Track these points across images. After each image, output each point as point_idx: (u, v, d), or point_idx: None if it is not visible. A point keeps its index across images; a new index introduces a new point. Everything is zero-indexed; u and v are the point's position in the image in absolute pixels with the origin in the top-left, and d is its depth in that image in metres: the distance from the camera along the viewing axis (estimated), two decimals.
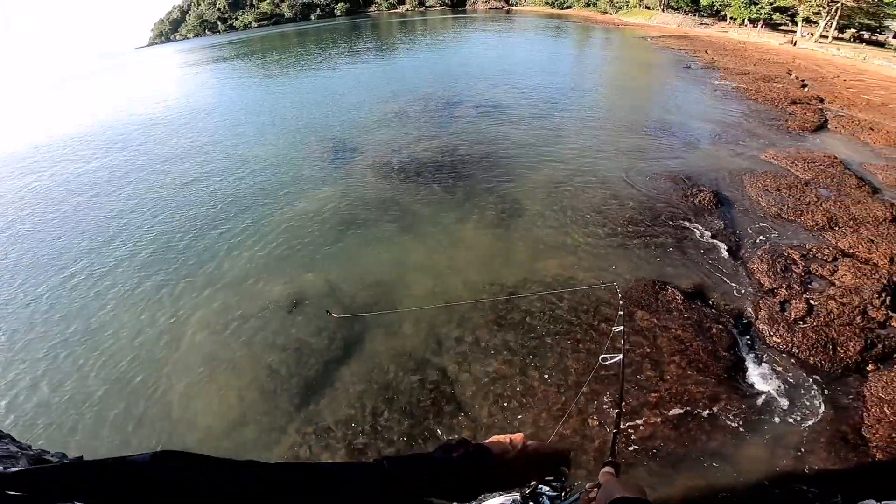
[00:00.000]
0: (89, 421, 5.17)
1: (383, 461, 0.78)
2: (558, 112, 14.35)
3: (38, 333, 6.76)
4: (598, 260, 6.90)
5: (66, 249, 9.13)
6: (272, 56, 40.09)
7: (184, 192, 11.07)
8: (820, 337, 5.35)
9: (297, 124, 15.84)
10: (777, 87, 15.85)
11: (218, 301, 6.82)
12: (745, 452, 4.17)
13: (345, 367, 5.43)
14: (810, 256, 6.73)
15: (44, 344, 6.50)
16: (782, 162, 9.79)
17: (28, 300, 7.59)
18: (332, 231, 8.35)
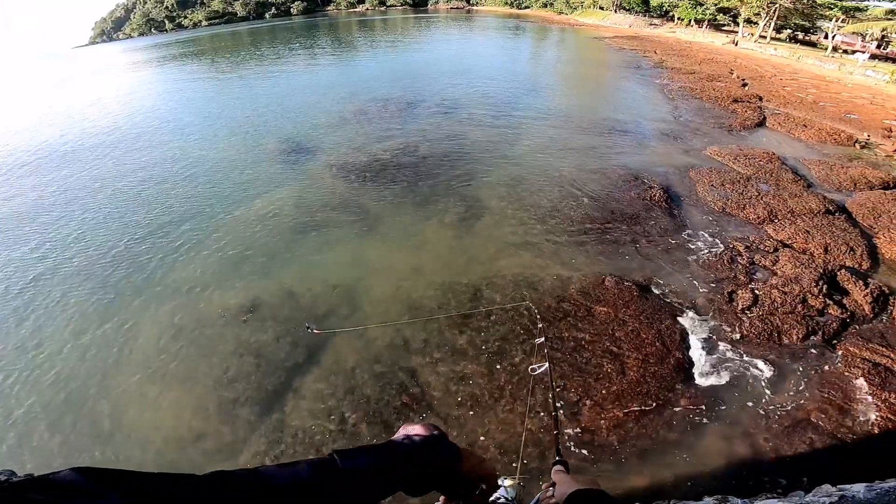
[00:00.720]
0: (40, 440, 4.84)
1: (334, 456, 0.71)
2: (516, 112, 14.59)
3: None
4: (557, 256, 7.06)
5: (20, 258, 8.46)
6: (224, 56, 38.61)
7: (130, 200, 10.44)
8: (766, 326, 5.65)
9: (251, 126, 15.30)
10: (720, 86, 16.70)
11: (170, 310, 6.49)
12: (703, 442, 4.33)
13: (308, 373, 5.29)
14: (753, 248, 7.12)
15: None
16: (725, 158, 10.32)
17: None
18: (290, 234, 8.12)
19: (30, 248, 8.82)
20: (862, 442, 4.22)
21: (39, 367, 5.84)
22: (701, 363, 5.19)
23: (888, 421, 4.36)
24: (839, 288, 6.27)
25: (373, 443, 0.77)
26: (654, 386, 4.85)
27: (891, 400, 4.57)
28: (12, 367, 5.87)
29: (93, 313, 6.65)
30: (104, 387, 5.41)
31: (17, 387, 5.55)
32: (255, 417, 4.81)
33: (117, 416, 5.02)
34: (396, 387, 5.00)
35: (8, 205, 11.02)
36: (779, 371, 5.06)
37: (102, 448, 4.70)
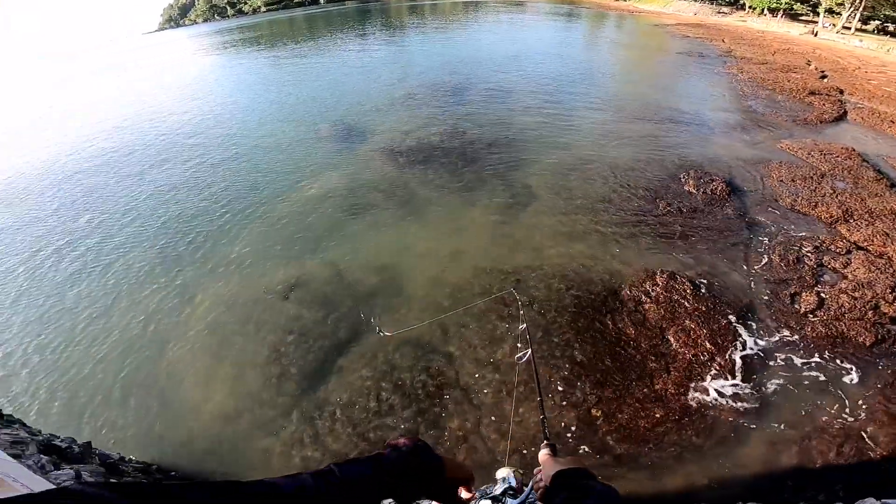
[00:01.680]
0: (97, 406, 5.18)
1: (332, 467, 0.77)
2: (568, 98, 14.13)
3: (43, 316, 6.78)
4: (606, 248, 6.80)
5: (81, 228, 9.19)
6: (281, 41, 39.76)
7: (191, 177, 11.02)
8: (829, 331, 5.25)
9: (306, 109, 15.71)
10: (796, 77, 15.46)
11: (224, 285, 6.81)
12: (743, 446, 4.13)
13: (350, 352, 5.41)
14: (823, 249, 6.59)
15: (49, 327, 6.50)
16: (798, 153, 9.56)
17: (36, 282, 7.63)
18: (339, 215, 8.30)
19: (105, 218, 9.52)
20: None
21: (104, 331, 6.28)
22: (753, 366, 4.90)
23: None
24: None
25: (365, 455, 0.84)
26: (701, 386, 4.64)
27: None
28: (75, 332, 6.32)
29: (153, 285, 7.08)
30: (161, 356, 5.73)
31: (77, 352, 5.97)
32: (299, 393, 4.96)
33: (172, 386, 5.31)
34: (434, 371, 5.02)
35: (83, 175, 11.96)
36: (837, 380, 4.72)
37: (156, 416, 4.97)
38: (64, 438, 4.16)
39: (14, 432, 3.63)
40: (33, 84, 39.35)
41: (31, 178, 12.39)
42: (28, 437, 3.59)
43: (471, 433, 4.36)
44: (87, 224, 9.29)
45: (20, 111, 24.26)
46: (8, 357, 5.98)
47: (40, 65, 69.37)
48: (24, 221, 9.75)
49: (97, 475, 3.47)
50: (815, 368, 4.84)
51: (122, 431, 4.82)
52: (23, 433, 3.76)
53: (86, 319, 6.52)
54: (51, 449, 3.65)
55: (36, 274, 7.76)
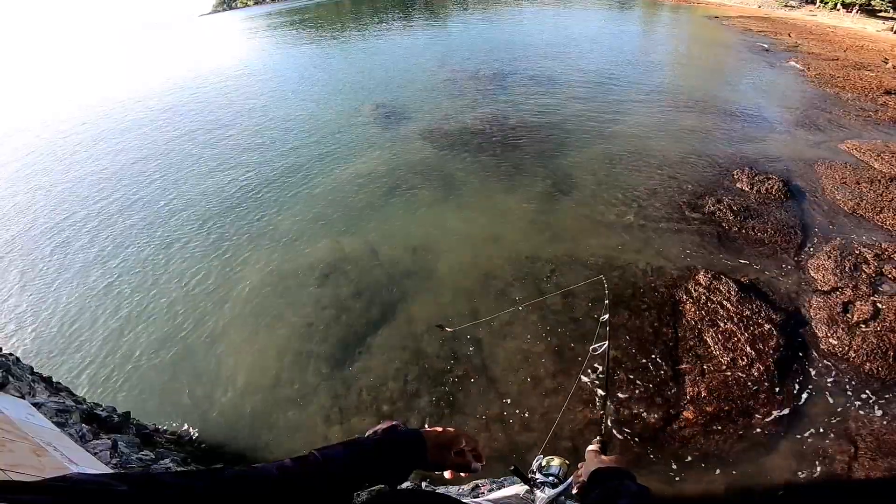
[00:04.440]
0: (139, 374, 5.45)
1: (313, 452, 0.81)
2: (616, 88, 13.65)
3: (91, 281, 7.22)
4: (648, 243, 6.58)
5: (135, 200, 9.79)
6: (328, 24, 40.32)
7: (240, 152, 11.48)
8: (882, 342, 4.91)
9: (350, 90, 15.94)
10: (869, 75, 14.30)
11: (265, 258, 7.06)
12: (772, 457, 3.97)
13: (381, 330, 5.51)
14: (885, 257, 6.13)
15: (97, 294, 6.89)
16: (865, 155, 8.89)
17: (90, 249, 8.14)
18: (379, 195, 8.42)
19: (159, 189, 10.06)
20: None
21: (151, 298, 6.64)
22: (795, 376, 4.65)
23: None
24: None
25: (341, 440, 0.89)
26: (736, 392, 4.45)
27: None
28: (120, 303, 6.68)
29: (199, 254, 7.43)
30: (199, 327, 5.99)
31: (121, 324, 6.30)
32: (328, 370, 5.10)
33: (207, 357, 5.54)
34: (461, 357, 5.04)
35: (138, 150, 12.63)
36: (882, 394, 4.43)
37: (192, 387, 5.19)
38: (105, 407, 4.42)
39: (61, 401, 3.83)
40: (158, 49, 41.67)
41: None
42: (73, 405, 3.78)
43: (494, 421, 4.36)
44: (143, 196, 9.81)
45: None
46: (55, 327, 6.37)
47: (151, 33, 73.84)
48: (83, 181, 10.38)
49: (132, 445, 3.67)
50: (859, 381, 4.56)
51: (157, 400, 5.08)
52: (69, 401, 3.96)
53: (130, 291, 6.89)
54: (92, 418, 3.86)
55: (89, 240, 8.35)
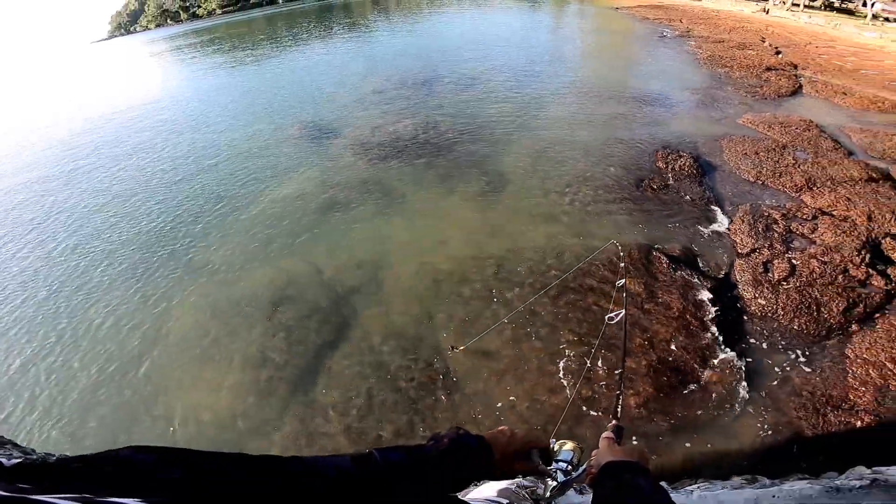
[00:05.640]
0: (88, 422, 5.00)
1: (374, 452, 0.77)
2: (537, 83, 14.20)
3: (14, 332, 6.52)
4: (583, 227, 6.89)
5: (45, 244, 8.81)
6: (241, 43, 38.69)
7: (154, 185, 10.69)
8: (804, 298, 5.35)
9: (270, 109, 15.37)
10: (752, 54, 15.92)
11: (202, 291, 6.63)
12: (733, 420, 4.16)
13: (336, 350, 5.33)
14: (790, 216, 6.79)
15: (23, 343, 6.26)
16: (759, 127, 9.86)
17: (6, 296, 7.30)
18: (314, 214, 8.16)
19: (63, 236, 9.11)
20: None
21: (80, 347, 6.03)
22: (733, 337, 4.98)
23: None
24: (884, 257, 5.88)
25: (404, 444, 0.87)
26: (684, 361, 4.68)
27: None
28: (45, 348, 6.08)
29: (127, 296, 6.83)
30: (142, 366, 5.54)
31: (51, 369, 5.74)
32: (289, 395, 4.87)
33: (156, 397, 5.15)
34: (423, 363, 4.98)
35: (31, 194, 11.39)
36: (816, 346, 4.80)
37: (143, 428, 4.83)
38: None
39: (6, 452, 3.41)
40: None
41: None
42: (22, 456, 3.37)
43: (465, 423, 4.33)
44: (55, 239, 8.86)
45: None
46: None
47: None
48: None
49: None
50: (793, 336, 4.94)
51: (108, 445, 4.60)
52: (16, 453, 3.54)
53: (60, 336, 6.29)
54: None
55: None
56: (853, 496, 2.43)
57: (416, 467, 0.79)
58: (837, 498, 2.42)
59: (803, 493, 2.46)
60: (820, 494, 2.44)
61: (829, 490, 2.47)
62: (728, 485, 3.11)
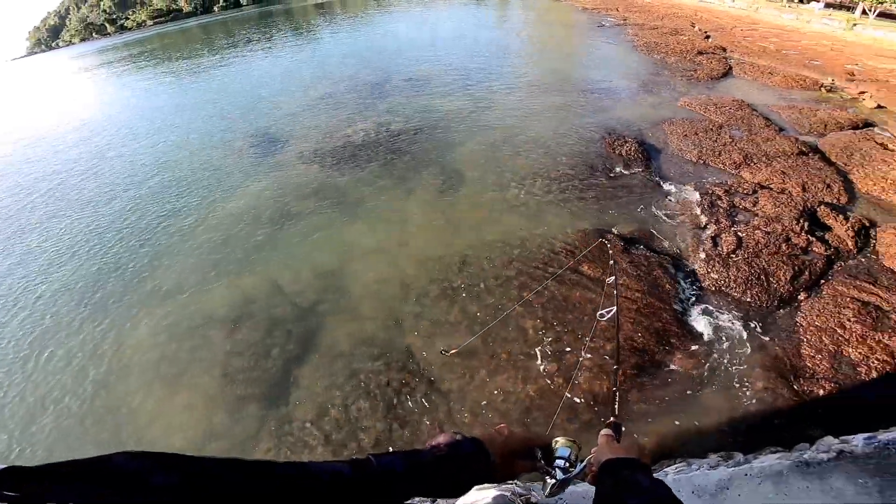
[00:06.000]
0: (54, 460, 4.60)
1: (370, 458, 0.78)
2: (486, 79, 14.37)
3: None
4: (540, 217, 7.03)
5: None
6: (178, 55, 36.89)
7: (94, 211, 10.01)
8: (752, 269, 5.61)
9: (215, 123, 14.75)
10: (684, 39, 16.74)
11: (160, 316, 6.30)
12: (703, 397, 4.25)
13: (306, 363, 5.20)
14: (732, 192, 7.17)
15: None
16: (697, 108, 10.38)
17: None
18: (269, 227, 7.89)
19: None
20: (860, 387, 4.18)
21: (32, 385, 5.64)
22: (693, 314, 5.18)
23: (884, 364, 4.32)
24: (821, 224, 6.30)
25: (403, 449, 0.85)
26: (651, 341, 4.81)
27: (885, 341, 4.52)
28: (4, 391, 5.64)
29: (80, 327, 6.42)
30: (103, 397, 5.25)
31: (12, 411, 5.34)
32: (263, 412, 4.72)
33: (122, 425, 4.91)
34: (396, 367, 4.92)
35: None
36: (770, 317, 5.04)
37: None
38: None
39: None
40: None
41: None
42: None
43: (444, 423, 4.33)
44: None
45: None
46: None
47: None
48: None
49: None
50: (748, 308, 5.17)
51: None
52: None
53: (9, 375, 5.89)
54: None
55: None
56: (822, 469, 2.52)
57: (413, 471, 0.79)
58: (807, 472, 2.52)
59: (774, 470, 2.54)
60: (790, 470, 2.53)
61: (798, 465, 2.56)
62: (705, 463, 3.20)
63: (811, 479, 2.48)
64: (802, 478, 2.50)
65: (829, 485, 2.45)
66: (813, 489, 2.44)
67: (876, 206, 6.67)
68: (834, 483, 2.45)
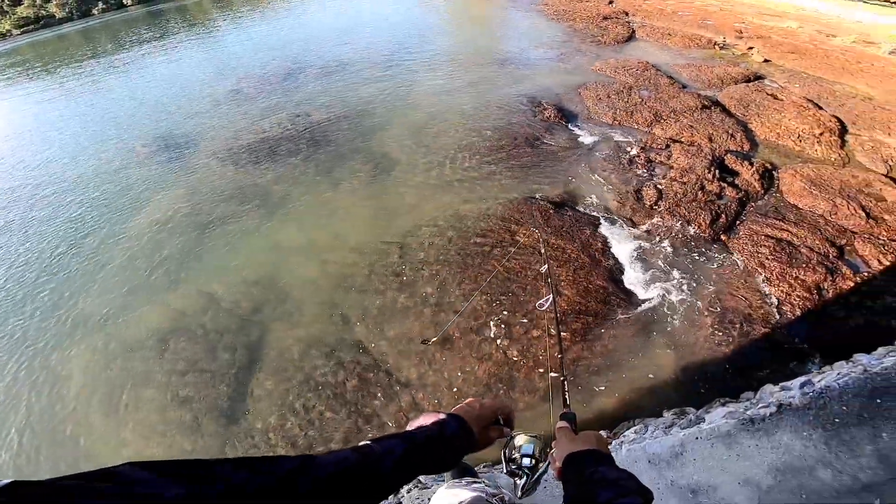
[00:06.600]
0: None
1: (371, 443, 0.81)
2: (406, 59, 14.07)
3: None
4: (472, 191, 7.05)
5: None
6: (56, 64, 32.79)
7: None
8: (675, 217, 5.96)
9: (107, 131, 13.23)
10: (590, 6, 17.30)
11: (88, 349, 5.62)
12: (649, 354, 4.37)
13: (257, 373, 4.90)
14: (647, 148, 7.57)
15: None
16: (608, 72, 10.80)
17: None
18: (191, 237, 7.22)
19: None
20: (787, 327, 4.46)
21: None
22: (627, 268, 5.39)
23: (804, 301, 4.65)
24: (729, 170, 6.81)
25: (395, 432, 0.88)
26: (591, 301, 4.95)
27: (801, 276, 4.88)
28: None
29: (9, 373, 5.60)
30: (56, 440, 4.70)
31: None
32: (222, 429, 4.44)
33: (73, 465, 4.46)
34: (350, 364, 4.76)
35: None
36: (697, 263, 5.33)
37: None
38: None
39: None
40: None
41: None
42: None
43: (410, 411, 4.26)
44: None
45: None
46: None
47: None
48: None
49: None
50: (676, 256, 5.43)
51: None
52: None
53: None
54: None
55: None
56: (768, 426, 2.65)
57: (410, 453, 0.82)
58: (754, 430, 2.64)
59: (723, 430, 2.66)
60: (738, 430, 2.65)
61: (744, 423, 2.68)
62: (660, 423, 3.32)
63: (759, 437, 2.59)
64: (751, 436, 2.61)
65: (777, 440, 2.56)
66: (763, 447, 2.55)
67: (774, 150, 7.33)
68: (781, 439, 2.57)
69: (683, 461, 2.52)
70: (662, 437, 2.72)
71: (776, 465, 2.44)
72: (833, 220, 5.63)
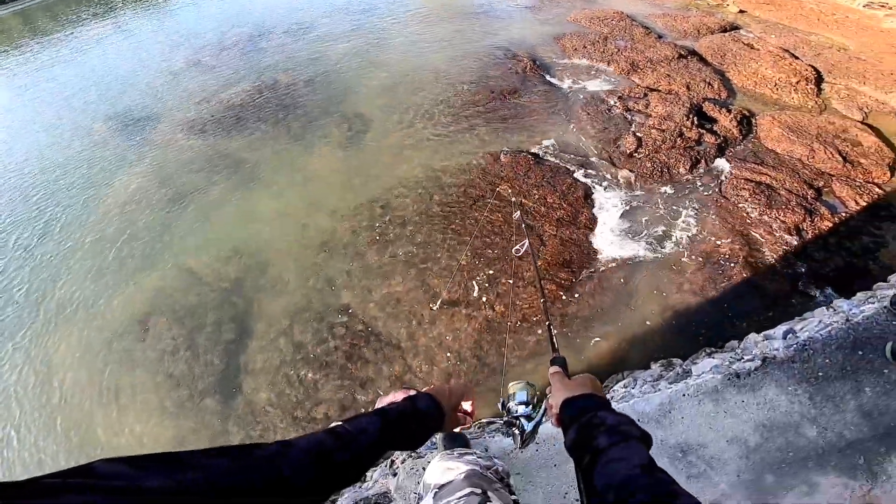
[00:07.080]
0: None
1: (343, 424, 0.82)
2: (375, 16, 13.44)
3: None
4: (451, 146, 6.89)
5: None
6: None
7: None
8: (655, 164, 5.96)
9: (66, 115, 12.34)
10: None
11: (74, 334, 5.37)
12: (634, 304, 4.40)
13: (248, 347, 4.80)
14: (626, 97, 7.49)
15: None
16: (582, 22, 10.56)
17: None
18: (163, 213, 6.86)
19: None
20: (771, 268, 4.53)
21: None
22: (608, 217, 5.39)
23: (785, 244, 4.73)
24: (708, 118, 6.81)
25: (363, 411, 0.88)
26: (575, 252, 4.94)
27: (781, 217, 4.95)
28: None
29: None
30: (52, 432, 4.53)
31: None
32: (221, 406, 4.36)
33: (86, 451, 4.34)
34: (340, 330, 4.68)
35: None
36: (679, 209, 5.35)
37: None
38: None
39: None
40: None
41: None
42: None
43: (403, 374, 4.24)
44: None
45: None
46: None
47: None
48: None
49: None
50: (657, 203, 5.45)
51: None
52: None
53: None
54: None
55: None
56: (753, 381, 2.63)
57: (384, 430, 0.83)
58: (741, 385, 2.62)
59: (710, 386, 2.64)
60: (724, 385, 2.63)
61: (730, 378, 2.66)
62: (648, 376, 3.33)
63: (745, 393, 2.58)
64: (737, 391, 2.59)
65: (762, 396, 2.55)
66: (749, 403, 2.53)
67: (751, 98, 7.36)
68: (766, 394, 2.56)
69: (672, 419, 2.51)
70: (651, 393, 2.71)
71: (762, 422, 2.44)
72: (811, 164, 5.72)
